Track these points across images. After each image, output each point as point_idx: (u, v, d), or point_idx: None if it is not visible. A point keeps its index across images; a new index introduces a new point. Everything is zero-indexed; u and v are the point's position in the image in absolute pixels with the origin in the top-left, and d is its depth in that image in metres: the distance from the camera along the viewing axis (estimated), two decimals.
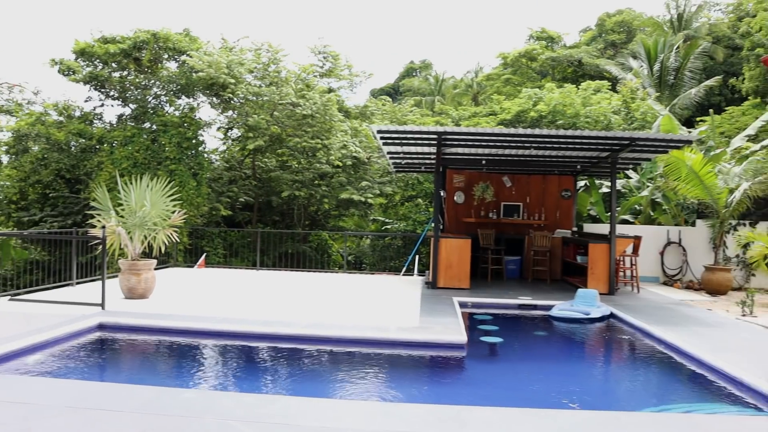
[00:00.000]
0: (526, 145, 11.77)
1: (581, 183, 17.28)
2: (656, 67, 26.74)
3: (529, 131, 10.79)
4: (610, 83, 23.49)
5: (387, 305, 10.02)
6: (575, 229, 14.85)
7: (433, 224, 14.37)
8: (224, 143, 22.57)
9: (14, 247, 18.87)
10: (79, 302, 8.98)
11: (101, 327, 8.14)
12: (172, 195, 10.74)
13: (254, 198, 20.95)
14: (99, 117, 20.11)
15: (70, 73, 19.43)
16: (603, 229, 14.42)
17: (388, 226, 22.50)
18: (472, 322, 9.65)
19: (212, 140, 23.48)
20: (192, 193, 17.50)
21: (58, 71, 19.72)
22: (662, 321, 9.11)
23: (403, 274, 14.44)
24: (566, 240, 13.96)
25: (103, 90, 19.96)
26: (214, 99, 18.75)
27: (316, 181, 20.24)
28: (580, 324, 9.56)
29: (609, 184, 17.02)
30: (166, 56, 19.29)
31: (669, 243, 14.46)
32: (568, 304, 10.26)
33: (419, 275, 14.98)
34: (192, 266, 16.00)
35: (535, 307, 10.71)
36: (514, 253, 14.64)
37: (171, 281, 12.83)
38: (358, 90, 24.36)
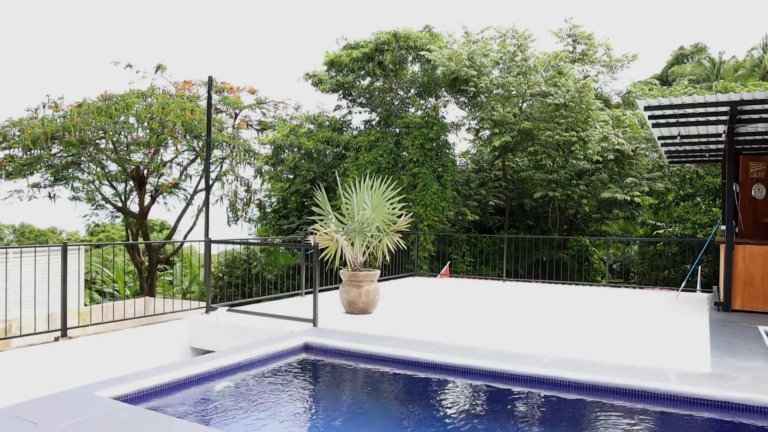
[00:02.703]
0: None
1: None
2: None
3: None
4: None
5: (659, 334, 7.59)
6: None
7: (723, 227, 11.27)
8: (474, 144, 21.24)
9: (283, 253, 19.66)
10: (291, 317, 8.09)
11: (307, 348, 7.10)
12: (396, 197, 9.47)
13: (505, 201, 19.25)
14: (348, 124, 20.09)
15: (320, 83, 19.69)
16: None
17: (660, 231, 19.18)
18: None
19: (463, 142, 22.20)
20: (435, 197, 16.37)
21: (312, 84, 20.12)
22: None
23: (682, 290, 11.55)
24: None
25: (350, 97, 19.91)
26: (458, 96, 17.46)
27: (574, 180, 17.88)
28: None
29: None
30: (409, 57, 18.55)
31: None
32: None
33: (703, 292, 11.93)
34: (435, 275, 14.84)
35: None
36: None
37: (406, 293, 11.70)
38: (620, 75, 21.32)
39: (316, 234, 9.17)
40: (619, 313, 9.45)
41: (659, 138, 10.79)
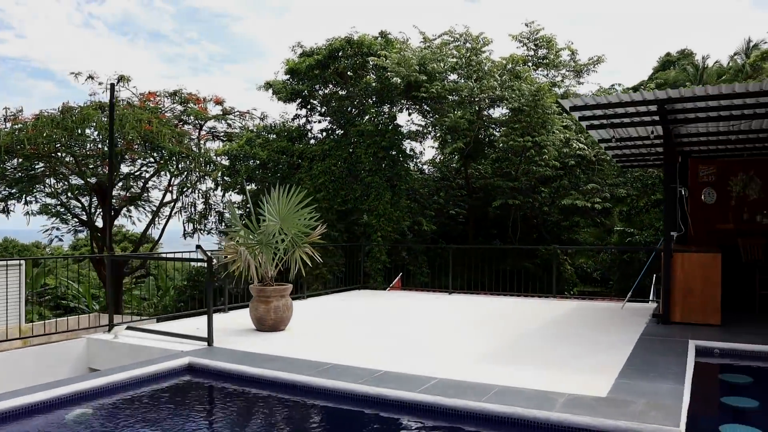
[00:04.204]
0: None
1: None
2: None
3: None
4: None
5: (578, 351, 6.96)
6: None
7: (673, 234, 10.66)
8: (437, 152, 20.69)
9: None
10: (186, 335, 7.47)
11: (191, 369, 6.49)
12: (307, 208, 8.85)
13: (468, 210, 18.63)
14: (306, 134, 19.50)
15: (278, 92, 19.14)
16: None
17: (631, 238, 18.55)
18: (714, 388, 6.20)
19: (430, 150, 21.70)
20: (389, 206, 15.75)
21: (272, 92, 19.56)
22: None
23: (628, 301, 10.92)
24: None
25: (309, 106, 19.36)
26: (414, 102, 16.90)
27: (540, 188, 17.29)
28: None
29: None
30: (369, 64, 17.99)
31: None
32: None
33: (654, 302, 11.30)
34: (388, 287, 14.22)
35: None
36: None
37: (339, 307, 11.08)
38: (587, 80, 20.69)
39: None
40: (550, 327, 8.81)
41: (600, 141, 10.21)
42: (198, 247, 8.00)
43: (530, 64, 18.05)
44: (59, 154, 20.48)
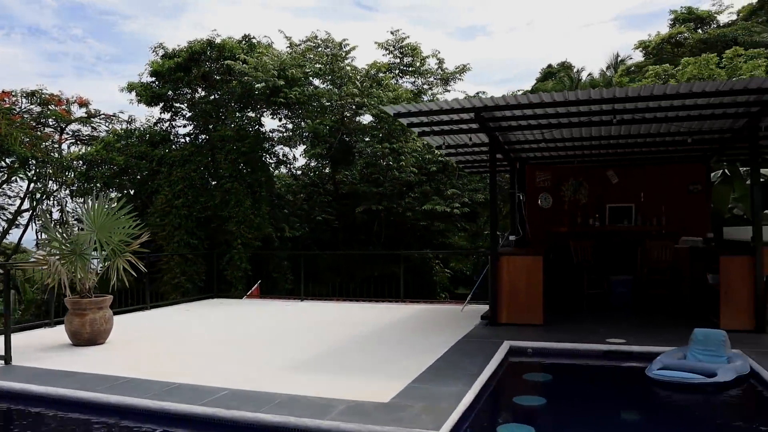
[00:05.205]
0: (605, 118, 8.16)
1: (722, 172, 12.98)
2: None
3: (605, 92, 7.28)
4: (767, 51, 18.47)
5: (390, 355, 7.00)
6: (710, 235, 10.73)
7: (512, 237, 11.04)
8: (304, 157, 20.52)
9: None
10: None
11: None
12: (128, 216, 8.44)
13: (336, 216, 18.58)
14: (168, 138, 18.80)
15: (141, 95, 18.36)
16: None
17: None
18: (512, 387, 6.37)
19: (302, 157, 21.38)
20: (249, 213, 15.41)
21: (136, 95, 18.73)
22: None
23: (468, 303, 11.18)
24: (695, 251, 10.05)
25: (174, 109, 18.70)
26: (277, 108, 16.66)
27: (409, 193, 17.48)
28: (698, 392, 5.92)
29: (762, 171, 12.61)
30: (230, 68, 17.59)
31: None
32: (680, 354, 6.61)
33: None
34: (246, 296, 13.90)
35: (629, 355, 7.11)
36: (626, 271, 10.88)
37: (180, 319, 10.65)
38: (455, 88, 21.15)
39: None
40: (381, 332, 8.84)
41: (437, 147, 10.41)
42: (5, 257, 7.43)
43: (396, 71, 18.28)
44: None
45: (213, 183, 16.09)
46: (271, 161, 18.80)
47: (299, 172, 21.11)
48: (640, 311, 10.09)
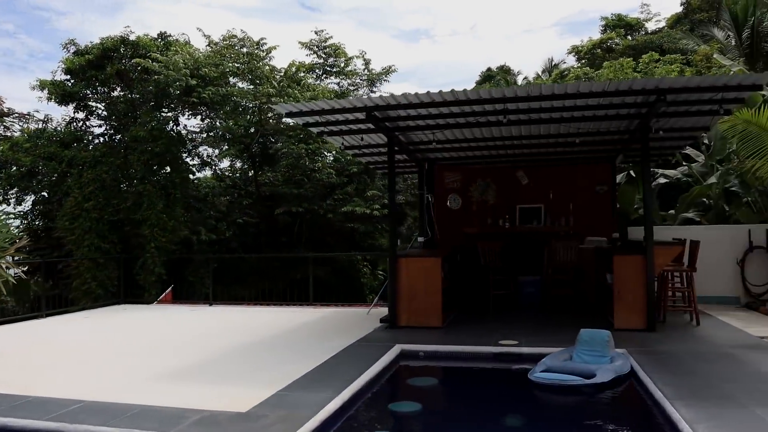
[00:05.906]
0: (500, 118, 8.12)
1: (626, 172, 13.23)
2: (745, 34, 21.80)
3: (494, 92, 7.22)
4: (684, 57, 19.03)
5: (275, 362, 6.76)
6: (616, 235, 10.89)
7: (420, 238, 10.95)
8: (222, 158, 20.09)
9: None
10: None
11: None
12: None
13: (257, 218, 18.21)
14: (82, 138, 18.09)
15: (52, 93, 17.60)
16: (657, 233, 10.41)
17: None
18: (397, 391, 6.23)
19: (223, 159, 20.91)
20: (163, 216, 14.92)
21: (48, 93, 17.95)
22: (711, 387, 5.34)
23: (375, 305, 11.04)
24: (600, 251, 10.15)
25: (85, 109, 18.02)
26: (192, 108, 16.23)
27: (332, 194, 17.26)
28: (575, 394, 5.88)
29: (663, 171, 12.92)
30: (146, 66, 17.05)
31: (752, 248, 10.30)
32: (566, 355, 6.59)
33: None
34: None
35: (519, 357, 7.05)
36: (535, 271, 10.92)
37: (73, 329, 10.13)
38: (382, 89, 21.06)
39: None
40: (279, 337, 8.59)
41: (347, 148, 10.23)
42: None
43: (319, 71, 18.07)
44: None
45: (125, 185, 15.53)
46: (193, 163, 18.35)
47: (228, 174, 20.68)
48: (545, 311, 10.13)
